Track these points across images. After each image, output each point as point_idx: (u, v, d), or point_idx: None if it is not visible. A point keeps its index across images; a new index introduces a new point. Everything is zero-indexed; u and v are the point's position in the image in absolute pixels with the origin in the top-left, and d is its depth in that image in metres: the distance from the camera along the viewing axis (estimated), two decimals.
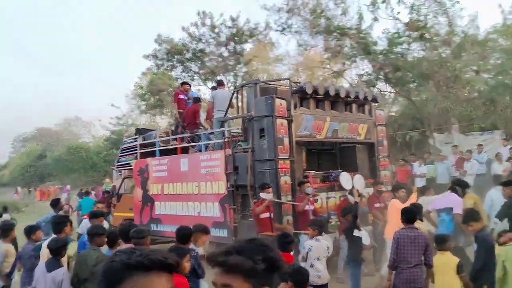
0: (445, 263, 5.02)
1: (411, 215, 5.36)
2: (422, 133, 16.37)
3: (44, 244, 5.56)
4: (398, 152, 15.69)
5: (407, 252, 5.10)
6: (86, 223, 7.27)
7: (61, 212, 11.24)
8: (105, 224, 7.48)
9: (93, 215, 6.19)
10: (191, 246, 4.94)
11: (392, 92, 18.26)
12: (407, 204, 6.53)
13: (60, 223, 5.70)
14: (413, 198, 7.58)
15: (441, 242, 5.22)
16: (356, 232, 6.60)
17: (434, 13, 15.20)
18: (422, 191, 8.65)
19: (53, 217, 5.96)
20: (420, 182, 12.01)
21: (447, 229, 6.68)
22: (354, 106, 9.32)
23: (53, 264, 4.68)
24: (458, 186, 7.32)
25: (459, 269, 4.90)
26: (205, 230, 5.33)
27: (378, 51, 15.39)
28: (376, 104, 10.09)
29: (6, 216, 14.48)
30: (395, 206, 7.00)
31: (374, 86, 16.29)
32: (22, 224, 9.21)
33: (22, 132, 75.23)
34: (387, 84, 17.35)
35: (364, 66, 17.77)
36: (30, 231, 6.40)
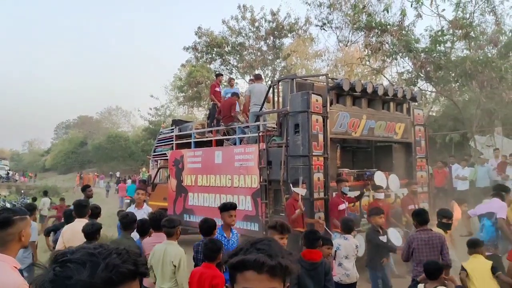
0: (479, 267, 4.98)
1: (423, 216, 5.38)
2: (463, 134, 15.88)
3: (67, 226, 5.74)
4: (437, 153, 15.27)
5: (423, 255, 5.13)
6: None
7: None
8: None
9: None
10: None
11: (433, 92, 17.76)
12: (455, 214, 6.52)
13: (85, 207, 5.80)
14: (456, 208, 7.46)
15: (472, 245, 5.19)
16: (382, 237, 6.46)
17: (481, 10, 14.67)
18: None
19: (76, 201, 6.08)
20: (462, 185, 11.67)
21: (487, 234, 6.50)
22: (392, 104, 9.15)
23: None
24: (502, 191, 7.11)
25: (493, 270, 4.89)
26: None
27: (420, 49, 14.95)
28: (415, 103, 9.85)
29: (45, 200, 15.10)
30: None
31: (414, 85, 15.86)
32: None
33: (65, 119, 78.10)
34: (428, 83, 16.86)
35: (404, 64, 17.38)
36: (70, 216, 6.68)
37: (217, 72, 18.76)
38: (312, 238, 4.55)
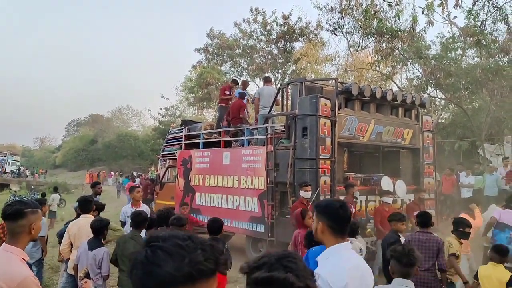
0: (495, 277, 4.61)
1: (425, 218, 5.41)
2: (471, 142, 15.80)
3: (72, 223, 5.86)
4: (446, 160, 15.21)
5: None
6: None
7: None
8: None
9: None
10: None
11: (442, 99, 17.70)
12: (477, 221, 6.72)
13: (90, 202, 5.88)
14: (478, 214, 7.43)
15: (500, 252, 4.78)
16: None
17: (493, 18, 14.62)
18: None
19: (81, 197, 6.17)
20: (466, 193, 11.64)
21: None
22: (400, 110, 9.17)
23: (95, 243, 4.93)
24: None
25: (510, 283, 4.50)
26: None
27: (431, 55, 14.94)
28: (424, 110, 9.86)
29: (55, 196, 15.29)
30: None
31: (424, 91, 15.83)
32: (71, 204, 9.84)
33: (77, 117, 78.81)
34: (438, 90, 16.82)
35: (414, 71, 17.36)
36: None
37: (233, 78, 18.82)
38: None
